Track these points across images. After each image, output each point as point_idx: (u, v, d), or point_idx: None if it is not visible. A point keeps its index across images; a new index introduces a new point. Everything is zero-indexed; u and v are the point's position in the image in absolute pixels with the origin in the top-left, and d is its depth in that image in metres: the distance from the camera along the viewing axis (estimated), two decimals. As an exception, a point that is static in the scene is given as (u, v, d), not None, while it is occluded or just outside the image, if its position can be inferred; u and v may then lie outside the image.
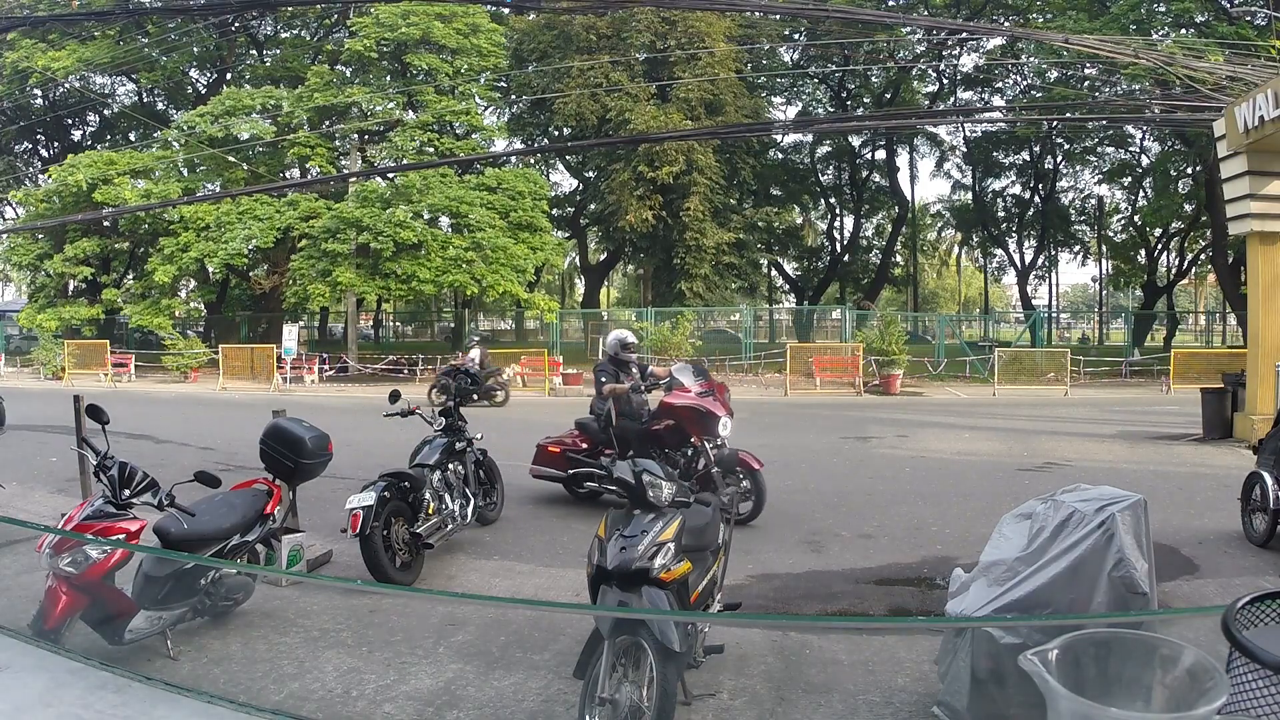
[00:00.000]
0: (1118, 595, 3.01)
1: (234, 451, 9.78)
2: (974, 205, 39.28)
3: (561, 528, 6.74)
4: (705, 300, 28.54)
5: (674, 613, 3.19)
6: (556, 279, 52.61)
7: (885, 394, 19.86)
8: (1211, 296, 45.86)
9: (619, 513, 3.50)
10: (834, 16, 22.11)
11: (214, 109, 24.61)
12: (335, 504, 5.99)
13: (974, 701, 3.06)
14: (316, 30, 30.85)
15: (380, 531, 5.10)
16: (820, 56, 32.07)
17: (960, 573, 3.51)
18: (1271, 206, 11.16)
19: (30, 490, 7.93)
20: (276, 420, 5.25)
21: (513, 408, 16.47)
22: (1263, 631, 1.59)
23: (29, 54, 24.45)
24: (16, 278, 34.97)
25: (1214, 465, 9.57)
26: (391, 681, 3.71)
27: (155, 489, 4.06)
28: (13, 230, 29.00)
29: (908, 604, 5.11)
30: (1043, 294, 44.98)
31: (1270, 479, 5.91)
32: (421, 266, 22.62)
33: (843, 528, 6.80)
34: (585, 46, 28.13)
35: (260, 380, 22.72)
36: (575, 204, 38.32)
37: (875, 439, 12.17)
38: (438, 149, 24.86)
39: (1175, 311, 38.90)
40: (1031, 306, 38.71)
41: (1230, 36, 18.56)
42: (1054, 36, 16.09)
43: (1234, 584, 5.19)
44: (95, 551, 3.66)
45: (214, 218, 23.79)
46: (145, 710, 2.57)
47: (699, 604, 3.59)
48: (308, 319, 33.62)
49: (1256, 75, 11.50)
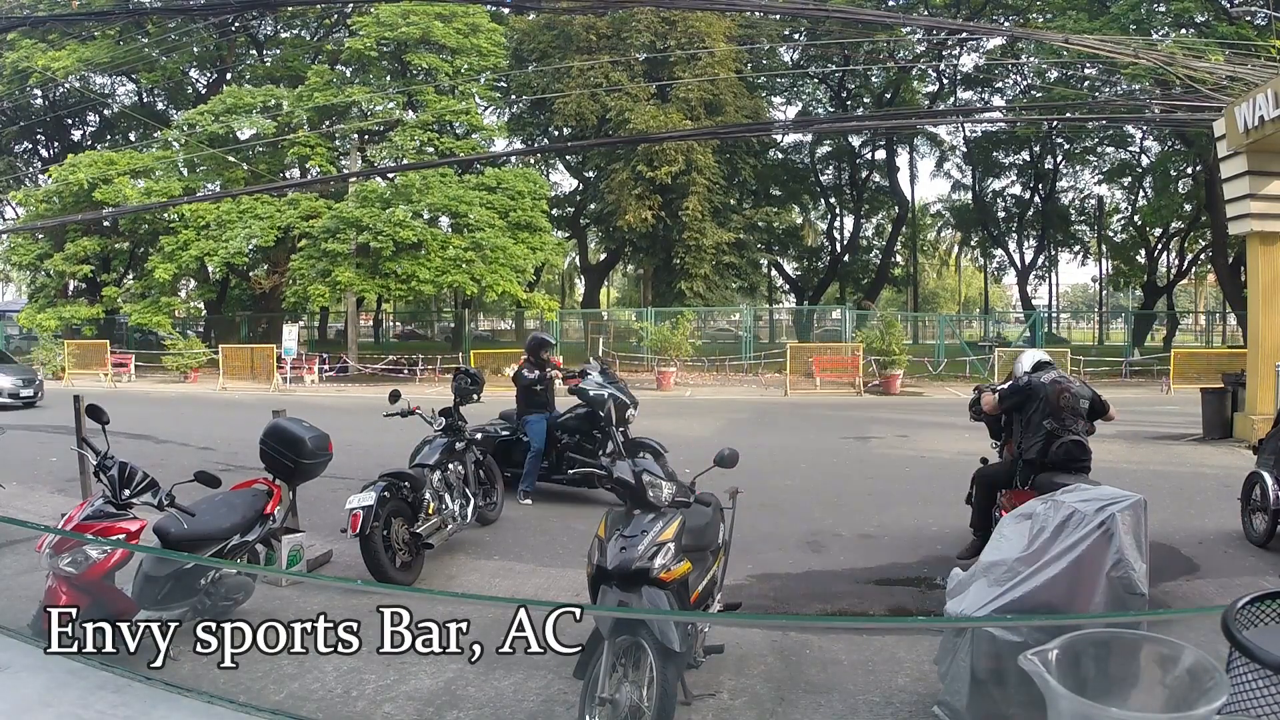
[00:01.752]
0: (1116, 595, 3.01)
1: (234, 451, 9.78)
2: (974, 205, 39.28)
3: (561, 528, 6.74)
4: (705, 300, 28.55)
5: (674, 613, 3.19)
6: (556, 279, 52.60)
7: (885, 394, 19.86)
8: (1211, 296, 45.85)
9: (619, 512, 3.50)
10: (834, 16, 22.12)
11: (214, 108, 24.63)
12: (335, 504, 5.99)
13: (974, 701, 3.06)
14: (316, 30, 30.86)
15: (380, 531, 5.09)
16: (820, 56, 32.09)
17: (960, 573, 3.51)
18: (1271, 206, 11.16)
19: (30, 490, 7.93)
20: (276, 420, 5.24)
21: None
22: (1263, 631, 1.59)
23: (29, 54, 24.46)
24: (16, 278, 35.00)
25: (1214, 465, 9.57)
26: (391, 681, 3.71)
27: (155, 489, 4.06)
28: (13, 230, 29.00)
29: (908, 604, 5.11)
30: (1043, 294, 45.07)
31: (1270, 479, 5.91)
32: (421, 266, 22.63)
33: (843, 528, 6.80)
34: (585, 46, 28.14)
35: (260, 380, 22.72)
36: (575, 204, 38.32)
37: (875, 439, 12.16)
38: (438, 149, 24.87)
39: (1175, 311, 38.89)
40: (1031, 306, 38.71)
41: (1230, 36, 18.56)
42: (1054, 36, 16.09)
43: (1234, 584, 5.19)
44: (95, 551, 3.66)
45: (214, 217, 23.82)
46: (145, 710, 2.58)
47: (699, 604, 3.59)
48: (308, 319, 33.62)
49: (1256, 75, 11.50)
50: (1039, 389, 5.12)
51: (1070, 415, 5.05)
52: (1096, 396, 5.24)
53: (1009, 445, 5.63)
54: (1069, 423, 5.03)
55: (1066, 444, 4.98)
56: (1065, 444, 4.98)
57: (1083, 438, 5.06)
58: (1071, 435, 5.02)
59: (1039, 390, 5.11)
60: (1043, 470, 4.99)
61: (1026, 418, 5.16)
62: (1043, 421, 5.04)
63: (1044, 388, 5.10)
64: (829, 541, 6.41)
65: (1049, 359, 5.55)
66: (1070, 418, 5.05)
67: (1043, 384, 5.13)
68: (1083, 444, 5.05)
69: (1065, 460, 4.97)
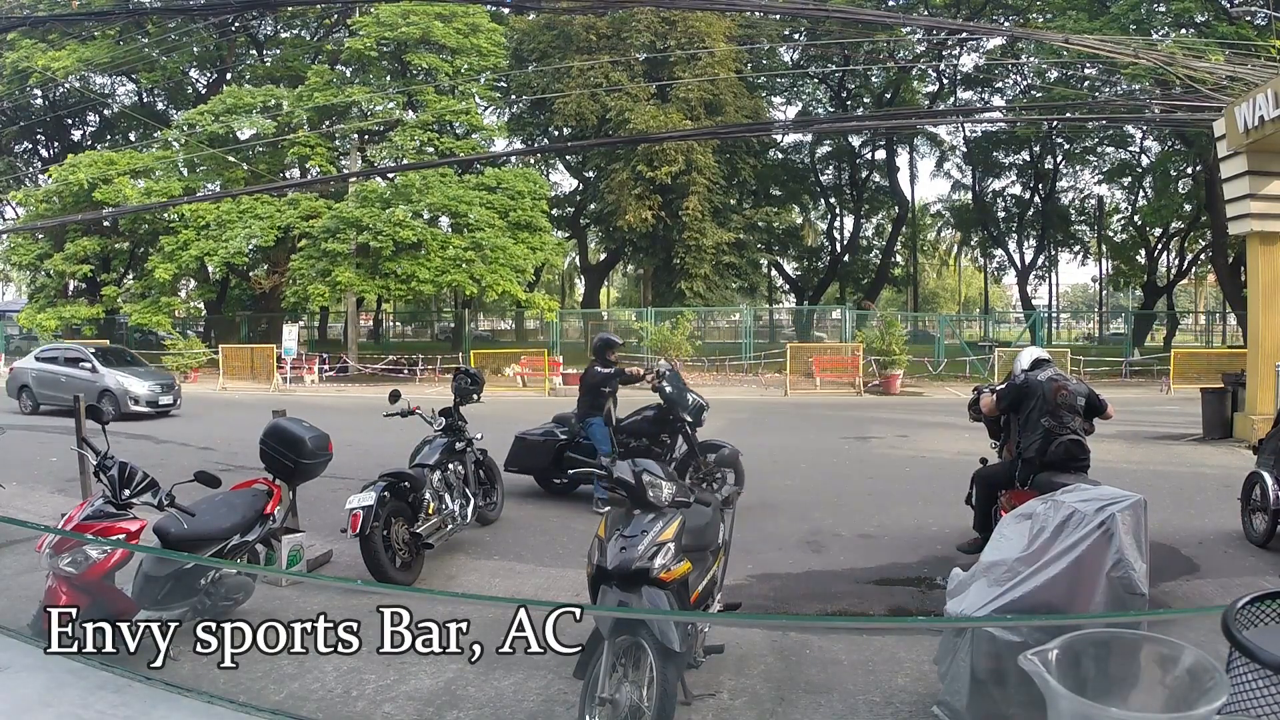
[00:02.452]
0: (1116, 595, 3.01)
1: (234, 451, 9.78)
2: (974, 205, 39.28)
3: (561, 528, 6.74)
4: (705, 300, 28.56)
5: (674, 613, 3.19)
6: (556, 279, 52.59)
7: (885, 394, 19.86)
8: (1211, 296, 45.85)
9: (619, 512, 3.49)
10: (834, 16, 22.12)
11: (214, 108, 24.63)
12: (335, 504, 5.99)
13: (974, 701, 3.06)
14: (316, 30, 30.85)
15: (380, 531, 5.09)
16: (820, 56, 32.09)
17: (960, 573, 3.51)
18: (1271, 206, 11.16)
19: (30, 490, 7.93)
20: (276, 420, 5.24)
21: (514, 405, 16.45)
22: (1263, 631, 1.59)
23: (29, 54, 24.46)
24: (16, 278, 34.98)
25: (1214, 465, 9.57)
26: (391, 681, 3.71)
27: (155, 489, 4.06)
28: (13, 230, 29.00)
29: (908, 604, 5.10)
30: (1043, 294, 45.05)
31: (1270, 479, 5.91)
32: (421, 266, 22.62)
33: (843, 528, 6.80)
34: (585, 46, 28.14)
35: (260, 380, 22.72)
36: (575, 204, 38.32)
37: (875, 439, 12.16)
38: (438, 149, 24.87)
39: (1175, 311, 38.90)
40: (1031, 306, 38.70)
41: (1230, 36, 18.56)
42: (1054, 36, 16.09)
43: (1234, 584, 5.18)
44: (95, 551, 3.66)
45: (214, 217, 23.82)
46: (145, 710, 2.57)
47: (699, 604, 3.59)
48: (308, 319, 33.63)
49: (1256, 75, 11.49)
50: (1036, 386, 5.10)
51: (1068, 413, 5.04)
52: (1094, 394, 5.23)
53: (1009, 446, 5.62)
54: (1067, 420, 5.02)
55: (1065, 442, 4.97)
56: (1064, 442, 4.97)
57: (1081, 436, 5.05)
58: (1070, 433, 5.00)
59: (1036, 388, 5.10)
60: (1042, 469, 4.98)
61: (1024, 416, 5.15)
62: (1040, 419, 5.03)
63: (1041, 385, 5.09)
64: (829, 541, 6.41)
65: (1047, 356, 5.53)
66: (1068, 415, 5.03)
67: (1040, 381, 5.11)
68: (1081, 442, 5.03)
69: (1065, 459, 4.95)
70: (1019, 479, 5.15)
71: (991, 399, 5.50)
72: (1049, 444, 4.98)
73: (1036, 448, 5.02)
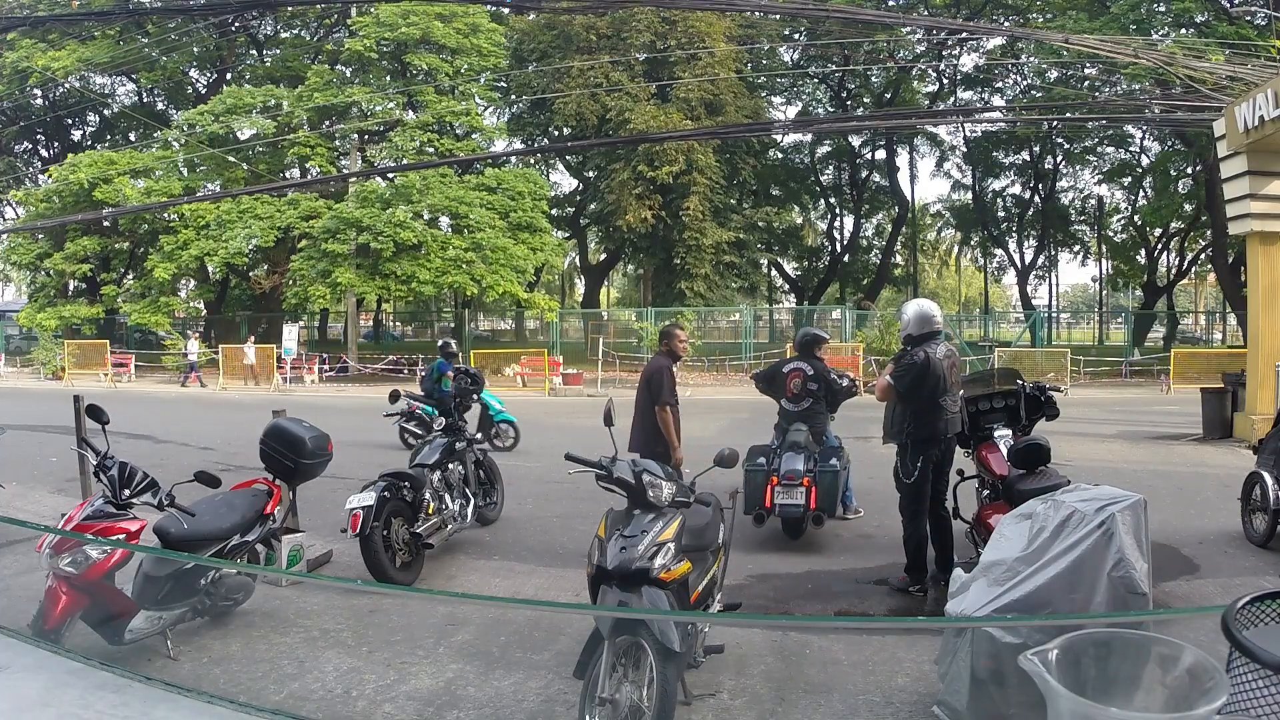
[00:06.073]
0: (1117, 595, 3.01)
1: (234, 451, 9.78)
2: (974, 205, 39.27)
3: (561, 528, 6.74)
4: (705, 300, 28.54)
5: (674, 613, 3.19)
6: (556, 279, 52.59)
7: (885, 394, 19.82)
8: (1211, 296, 45.84)
9: (619, 512, 3.49)
10: (834, 16, 22.10)
11: (214, 108, 24.63)
12: (335, 504, 5.99)
13: (974, 701, 3.06)
14: (316, 30, 30.86)
15: (380, 531, 5.09)
16: (820, 56, 32.08)
17: (960, 573, 3.51)
18: (1271, 206, 11.16)
19: (30, 490, 7.93)
20: (276, 420, 5.24)
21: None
22: (1263, 631, 1.59)
23: (29, 54, 24.48)
24: (16, 277, 34.99)
25: (1214, 465, 9.56)
26: (391, 681, 3.71)
27: (155, 489, 4.06)
28: (13, 230, 29.00)
29: (908, 604, 5.10)
30: (1043, 294, 45.03)
31: (1270, 479, 5.91)
32: (421, 267, 22.63)
33: (843, 528, 6.81)
34: (585, 46, 28.13)
35: (260, 380, 22.72)
36: (575, 204, 38.31)
37: (875, 439, 12.11)
38: (438, 149, 24.87)
39: (1175, 311, 38.87)
40: (1031, 306, 38.70)
41: (1230, 36, 18.55)
42: (1054, 36, 16.08)
43: (1234, 584, 5.18)
44: (95, 551, 3.66)
45: (214, 217, 23.83)
46: (145, 710, 2.57)
47: (699, 604, 3.59)
48: (308, 319, 33.64)
49: (1256, 75, 11.49)
50: (937, 366, 4.89)
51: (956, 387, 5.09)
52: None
53: (981, 451, 5.52)
54: (955, 395, 5.08)
55: (956, 419, 5.03)
56: (956, 419, 5.03)
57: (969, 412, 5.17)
58: (958, 409, 5.07)
59: (937, 367, 4.89)
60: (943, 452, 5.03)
61: (921, 396, 4.90)
62: (940, 399, 4.91)
63: (940, 365, 4.91)
64: (829, 541, 6.41)
65: (937, 318, 5.16)
66: (955, 390, 5.09)
67: (938, 360, 4.91)
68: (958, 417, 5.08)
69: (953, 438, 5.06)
70: (911, 462, 4.96)
71: (887, 383, 5.08)
72: (941, 422, 4.92)
73: (931, 429, 4.91)
